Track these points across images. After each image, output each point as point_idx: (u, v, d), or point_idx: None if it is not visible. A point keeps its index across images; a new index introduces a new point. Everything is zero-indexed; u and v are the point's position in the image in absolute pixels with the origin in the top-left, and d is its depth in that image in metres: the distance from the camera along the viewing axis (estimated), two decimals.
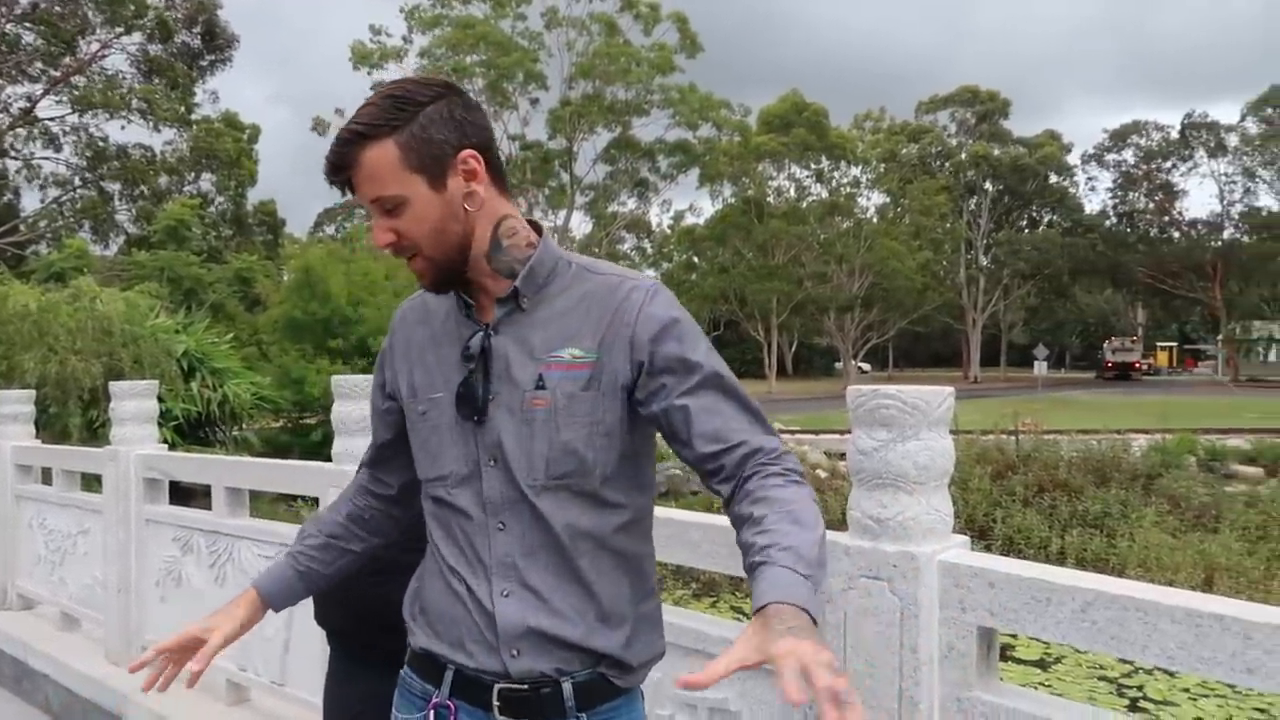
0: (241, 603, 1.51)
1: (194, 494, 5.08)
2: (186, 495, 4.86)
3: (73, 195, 31.45)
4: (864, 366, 56.71)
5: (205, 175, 32.27)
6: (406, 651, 2.05)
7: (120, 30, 29.66)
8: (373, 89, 34.95)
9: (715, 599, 8.99)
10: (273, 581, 1.54)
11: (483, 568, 1.35)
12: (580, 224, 41.47)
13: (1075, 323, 61.86)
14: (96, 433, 11.10)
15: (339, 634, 2.09)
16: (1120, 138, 53.83)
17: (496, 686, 1.33)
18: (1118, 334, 60.31)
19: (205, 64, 31.47)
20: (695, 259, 47.30)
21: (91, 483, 4.88)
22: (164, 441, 4.87)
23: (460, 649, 1.36)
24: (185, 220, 24.50)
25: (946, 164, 53.30)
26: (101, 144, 30.70)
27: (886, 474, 1.78)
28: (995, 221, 54.95)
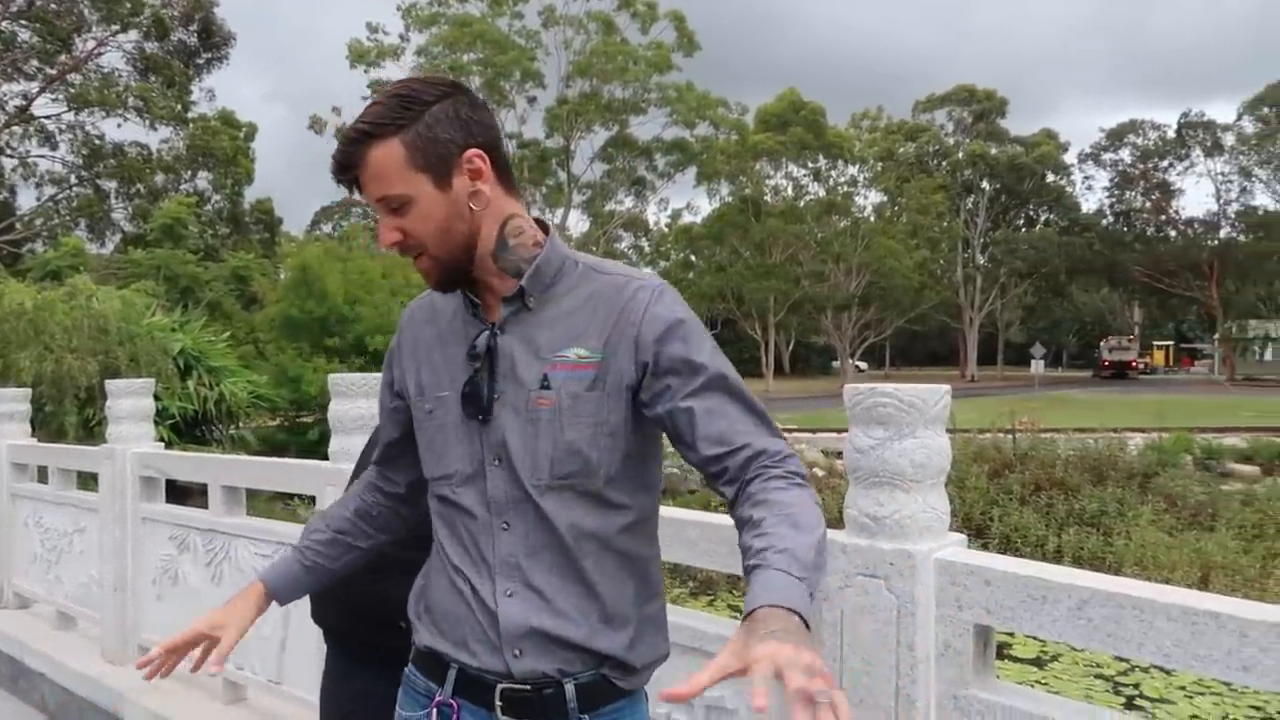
0: (248, 597, 1.51)
1: (190, 492, 5.07)
2: (183, 494, 4.85)
3: (69, 193, 31.41)
4: (861, 365, 56.75)
5: (202, 173, 32.27)
6: (403, 650, 2.05)
7: (116, 28, 29.66)
8: (369, 87, 35.21)
9: (712, 597, 8.99)
10: (279, 576, 1.55)
11: (487, 567, 1.35)
12: (577, 222, 41.45)
13: (1072, 321, 61.96)
14: (93, 431, 11.09)
15: (336, 632, 2.09)
16: (1117, 137, 53.91)
17: (499, 686, 1.33)
18: (1114, 333, 60.41)
19: (202, 62, 31.48)
20: (692, 258, 47.30)
21: (87, 481, 4.87)
22: (160, 440, 4.86)
23: (463, 648, 1.36)
24: (182, 218, 24.47)
25: (943, 163, 53.36)
26: (98, 142, 30.69)
27: (883, 472, 1.78)
28: (992, 220, 55.02)
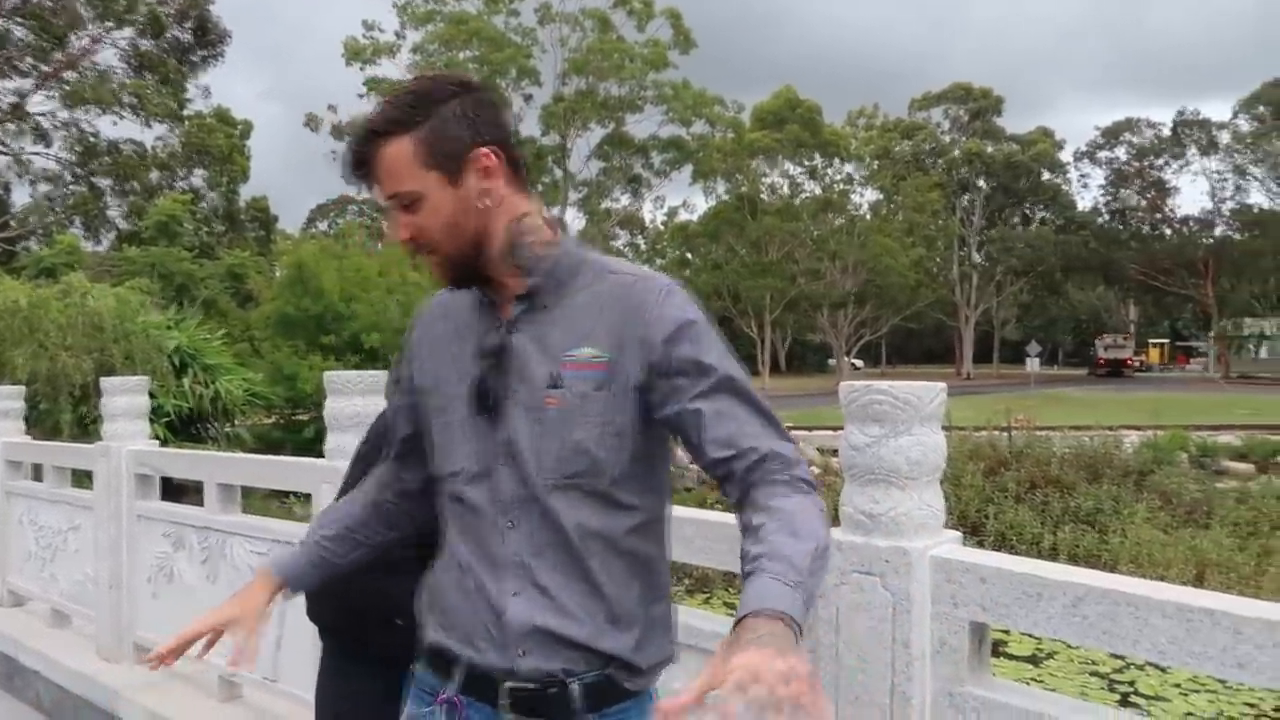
0: (257, 589, 1.50)
1: (186, 490, 5.06)
2: (178, 491, 4.84)
3: (64, 191, 31.31)
4: (857, 363, 56.80)
5: (197, 171, 32.19)
6: (399, 648, 2.05)
7: (111, 25, 29.57)
8: (365, 85, 35.10)
9: (709, 595, 9.00)
10: (289, 567, 1.55)
11: (494, 565, 1.34)
12: (573, 220, 41.38)
13: (1068, 319, 62.03)
14: (88, 429, 11.07)
15: (332, 630, 2.09)
16: (1112, 135, 53.97)
17: (505, 684, 1.33)
18: (1110, 331, 60.49)
19: (197, 59, 31.38)
20: (689, 255, 47.28)
21: (82, 479, 4.87)
22: (155, 438, 4.85)
23: (470, 645, 1.36)
24: (177, 216, 24.42)
25: (939, 161, 53.37)
26: (92, 139, 30.59)
27: (879, 469, 1.78)
28: (988, 218, 55.08)
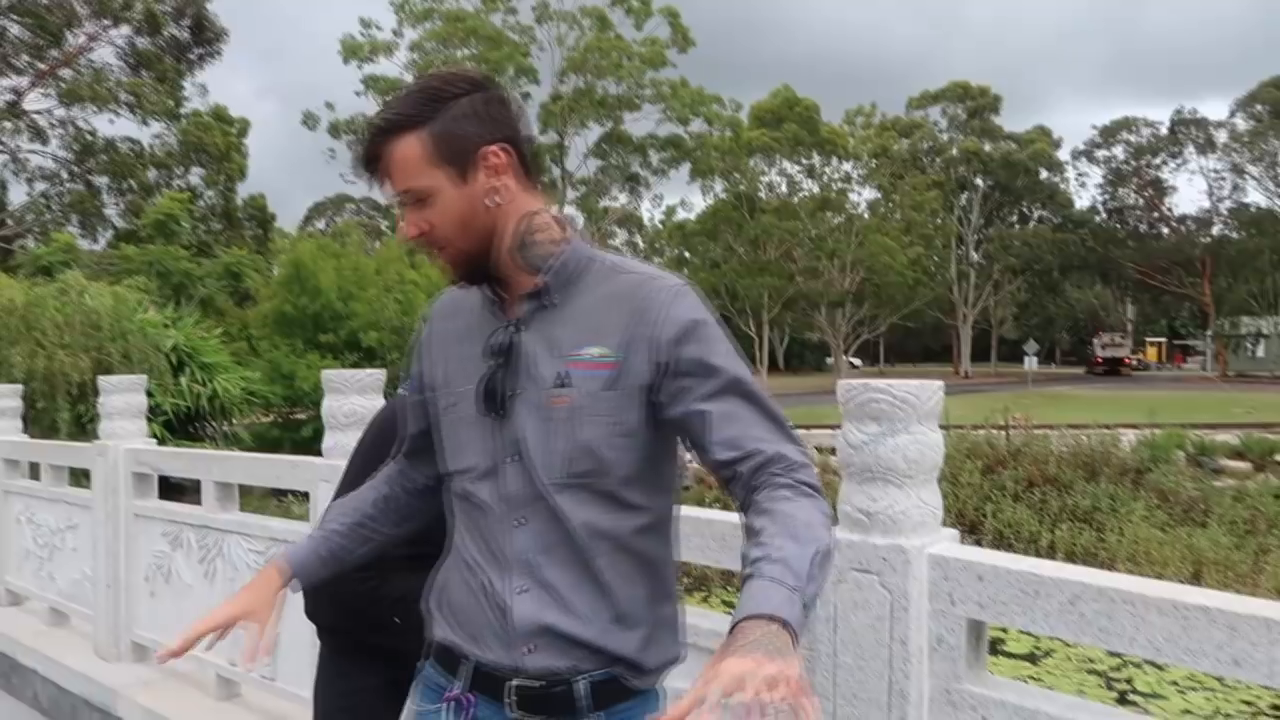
0: (268, 581, 1.50)
1: (183, 489, 5.06)
2: (176, 490, 4.84)
3: (60, 189, 31.22)
4: (855, 362, 56.82)
5: (194, 169, 32.11)
6: (396, 647, 2.05)
7: (108, 23, 29.51)
8: (363, 82, 35.01)
9: (706, 593, 9.00)
10: (299, 559, 1.54)
11: (501, 563, 1.34)
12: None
13: (1065, 318, 61.95)
14: (85, 428, 11.06)
15: (329, 630, 2.09)
16: (1110, 134, 53.99)
17: (511, 682, 1.33)
18: (1107, 329, 60.48)
19: (194, 57, 31.31)
20: (686, 254, 47.26)
21: (80, 478, 4.86)
22: (153, 437, 4.85)
23: (477, 643, 1.36)
24: (174, 214, 24.37)
25: (937, 160, 53.33)
26: (89, 137, 30.52)
27: (876, 468, 1.78)
28: (986, 217, 55.08)
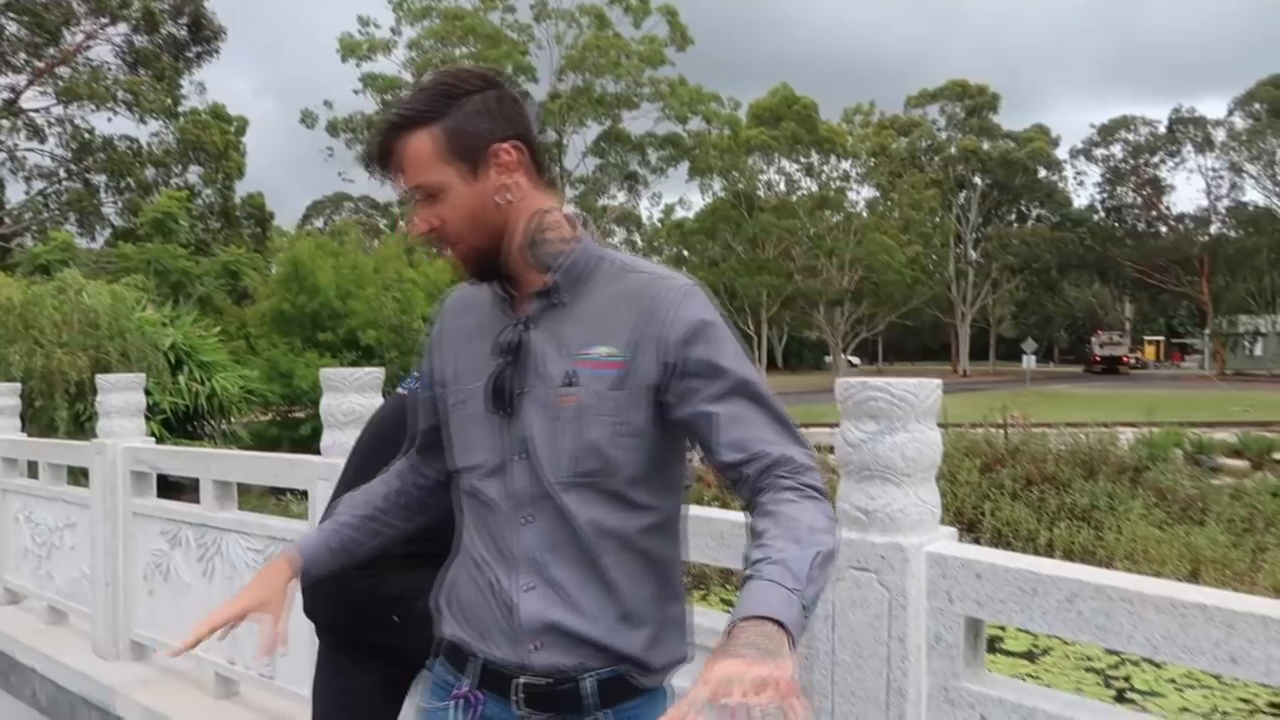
0: (279, 571, 1.49)
1: (182, 488, 5.06)
2: (174, 489, 4.84)
3: (58, 187, 31.18)
4: (854, 360, 56.82)
5: (192, 168, 32.02)
6: (394, 646, 2.05)
7: (105, 21, 29.46)
8: (361, 81, 34.95)
9: (705, 592, 9.00)
10: (312, 550, 1.54)
11: (509, 560, 1.35)
12: None
13: (1064, 317, 61.97)
14: (83, 426, 11.05)
15: (328, 627, 2.09)
16: (1108, 133, 53.99)
17: (518, 679, 1.33)
18: (1106, 328, 60.47)
19: (192, 55, 31.25)
20: (685, 252, 47.25)
21: (78, 476, 4.86)
22: (151, 435, 4.85)
23: (485, 640, 1.36)
24: (173, 213, 24.32)
25: (936, 158, 53.32)
26: (87, 136, 30.45)
27: (875, 466, 1.78)
28: (984, 216, 55.09)
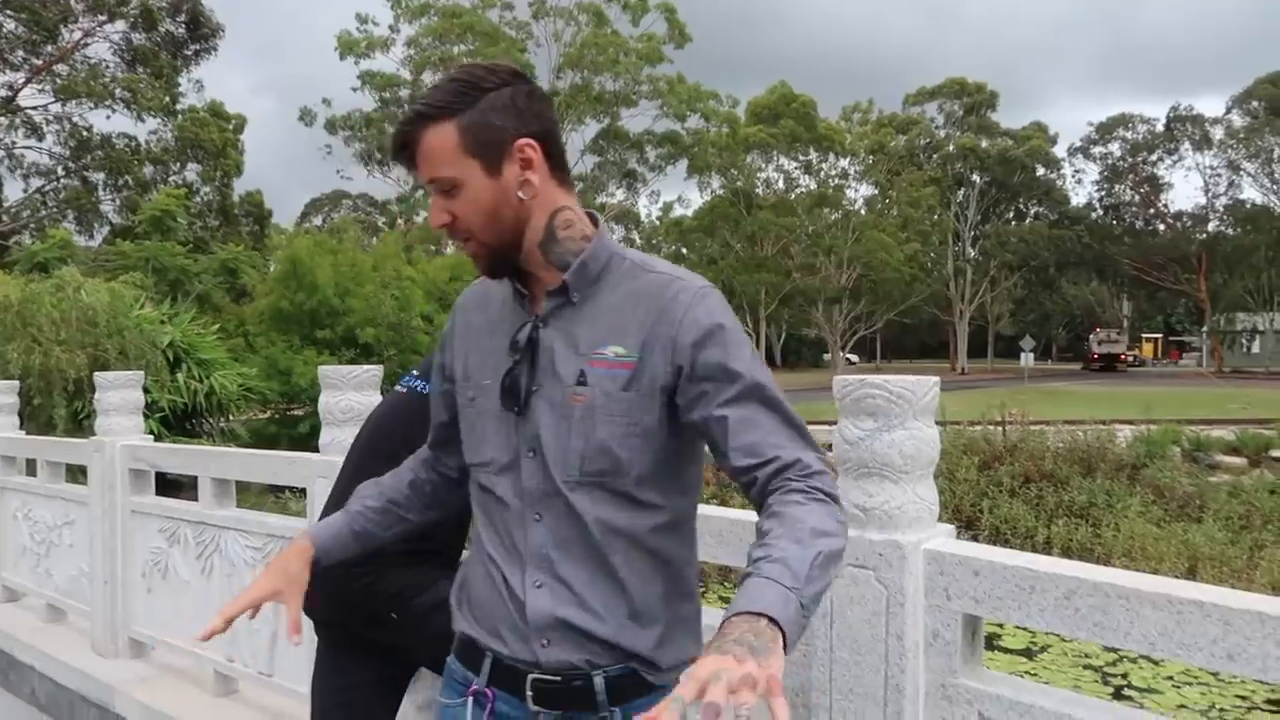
0: (298, 557, 1.49)
1: (180, 485, 5.06)
2: (173, 487, 4.84)
3: (56, 185, 31.13)
4: (852, 358, 56.84)
5: (191, 165, 31.98)
6: (392, 643, 2.05)
7: (103, 18, 29.42)
8: (359, 78, 34.90)
9: (704, 590, 9.01)
10: (328, 537, 1.53)
11: (519, 557, 1.35)
12: None
13: (1062, 314, 62.02)
14: (82, 424, 11.05)
15: (326, 625, 2.09)
16: (1106, 131, 53.99)
17: (529, 676, 1.34)
18: (1104, 326, 60.51)
19: (190, 53, 31.22)
20: (683, 250, 47.23)
21: (76, 474, 4.86)
22: (150, 433, 4.85)
23: (496, 636, 1.37)
24: (171, 210, 24.28)
25: (934, 156, 53.29)
26: (85, 133, 30.41)
27: (872, 463, 1.78)
28: (982, 213, 55.09)
